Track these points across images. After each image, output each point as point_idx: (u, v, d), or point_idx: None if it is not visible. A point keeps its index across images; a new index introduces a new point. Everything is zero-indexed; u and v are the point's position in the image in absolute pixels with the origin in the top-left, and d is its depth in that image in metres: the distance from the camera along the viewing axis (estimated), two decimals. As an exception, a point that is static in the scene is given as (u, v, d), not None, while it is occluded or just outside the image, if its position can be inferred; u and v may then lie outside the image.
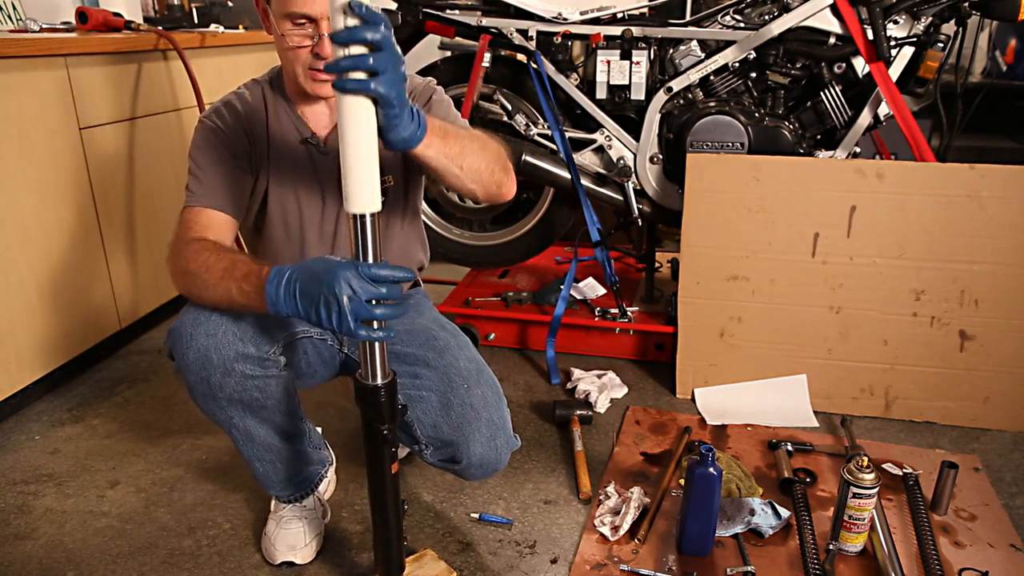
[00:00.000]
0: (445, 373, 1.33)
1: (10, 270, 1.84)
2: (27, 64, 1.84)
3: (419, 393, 1.32)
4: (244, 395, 1.25)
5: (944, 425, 1.92)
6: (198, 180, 1.28)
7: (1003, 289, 1.84)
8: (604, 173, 2.24)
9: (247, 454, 1.37)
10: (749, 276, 1.96)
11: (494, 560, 1.44)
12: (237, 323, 1.22)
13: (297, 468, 1.43)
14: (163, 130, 2.37)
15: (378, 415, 1.10)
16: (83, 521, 1.55)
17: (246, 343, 1.22)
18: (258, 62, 2.88)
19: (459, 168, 1.18)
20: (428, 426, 1.32)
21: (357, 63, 0.92)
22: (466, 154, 1.18)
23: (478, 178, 1.22)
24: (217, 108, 1.33)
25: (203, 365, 1.21)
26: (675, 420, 1.92)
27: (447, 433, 1.31)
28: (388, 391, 1.10)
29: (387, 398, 1.10)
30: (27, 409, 1.98)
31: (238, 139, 1.31)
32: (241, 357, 1.21)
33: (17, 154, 1.83)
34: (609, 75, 2.14)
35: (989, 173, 1.81)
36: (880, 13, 1.90)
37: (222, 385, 1.23)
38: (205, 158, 1.29)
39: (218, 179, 1.29)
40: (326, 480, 1.58)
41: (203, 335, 1.21)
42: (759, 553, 1.43)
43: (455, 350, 1.37)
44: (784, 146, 2.03)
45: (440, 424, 1.32)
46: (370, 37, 0.91)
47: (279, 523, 1.44)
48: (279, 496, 1.46)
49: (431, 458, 1.38)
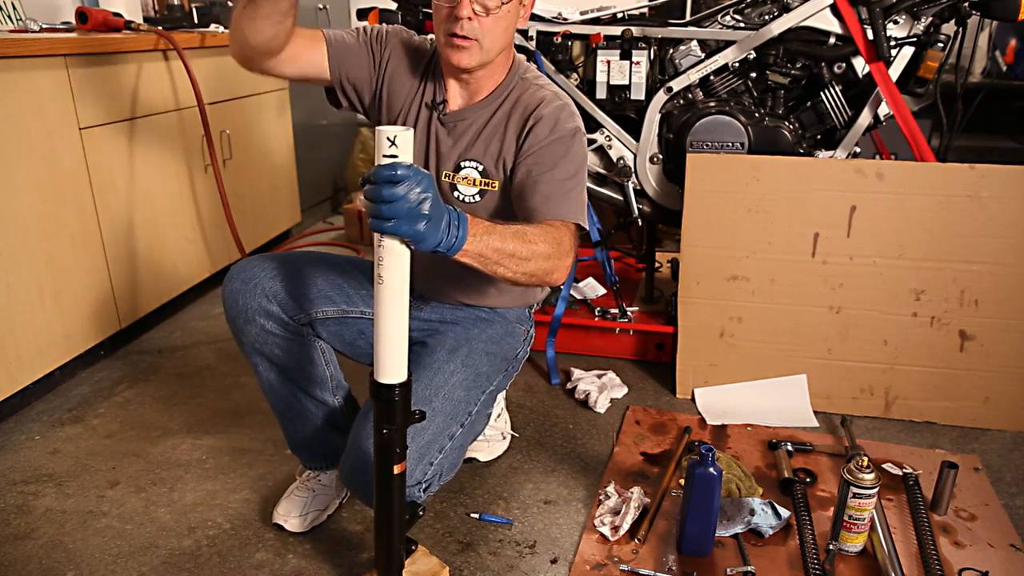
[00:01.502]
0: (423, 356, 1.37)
1: (10, 270, 1.83)
2: (27, 64, 1.84)
3: None
4: (264, 348, 1.38)
5: (944, 425, 1.92)
6: (339, 31, 1.40)
7: (1003, 289, 1.84)
8: (604, 173, 2.24)
9: (272, 405, 1.49)
10: (749, 276, 1.96)
11: (494, 560, 1.44)
12: (274, 281, 1.36)
13: (318, 439, 1.49)
14: (163, 130, 2.37)
15: (387, 415, 1.07)
16: (83, 521, 1.55)
17: (271, 301, 1.36)
18: (258, 62, 2.88)
19: (493, 273, 1.12)
20: None
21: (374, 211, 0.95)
22: (504, 265, 1.11)
23: (513, 281, 1.17)
24: (399, 31, 1.44)
25: (230, 305, 1.38)
26: (675, 420, 1.92)
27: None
28: (403, 392, 1.06)
29: (400, 399, 1.06)
30: (27, 409, 1.98)
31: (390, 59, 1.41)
32: (263, 312, 1.35)
33: (17, 154, 1.83)
34: (609, 75, 2.14)
35: (989, 173, 1.81)
36: (880, 13, 1.90)
37: (244, 331, 1.37)
38: (357, 34, 1.41)
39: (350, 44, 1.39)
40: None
41: (240, 280, 1.37)
42: (759, 553, 1.43)
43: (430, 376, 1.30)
44: (784, 146, 2.03)
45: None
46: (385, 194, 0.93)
47: (292, 490, 1.54)
48: (299, 456, 1.56)
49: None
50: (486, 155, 1.38)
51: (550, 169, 1.30)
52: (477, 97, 1.39)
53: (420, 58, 1.43)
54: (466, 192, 1.41)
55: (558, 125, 1.33)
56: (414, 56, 1.43)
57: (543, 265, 1.16)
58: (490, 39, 1.29)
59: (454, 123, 1.40)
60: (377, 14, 2.20)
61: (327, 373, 1.46)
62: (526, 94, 1.38)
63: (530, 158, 1.32)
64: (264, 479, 1.69)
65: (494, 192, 1.39)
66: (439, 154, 1.41)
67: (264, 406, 1.99)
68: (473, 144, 1.39)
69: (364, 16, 2.25)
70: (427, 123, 1.41)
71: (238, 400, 2.03)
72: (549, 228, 1.21)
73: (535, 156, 1.32)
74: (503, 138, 1.37)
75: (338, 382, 1.49)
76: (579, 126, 1.36)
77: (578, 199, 1.31)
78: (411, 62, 1.42)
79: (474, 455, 1.73)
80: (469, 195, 1.40)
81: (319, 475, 1.55)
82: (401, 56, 1.42)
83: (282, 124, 3.11)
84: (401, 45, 1.43)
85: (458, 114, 1.39)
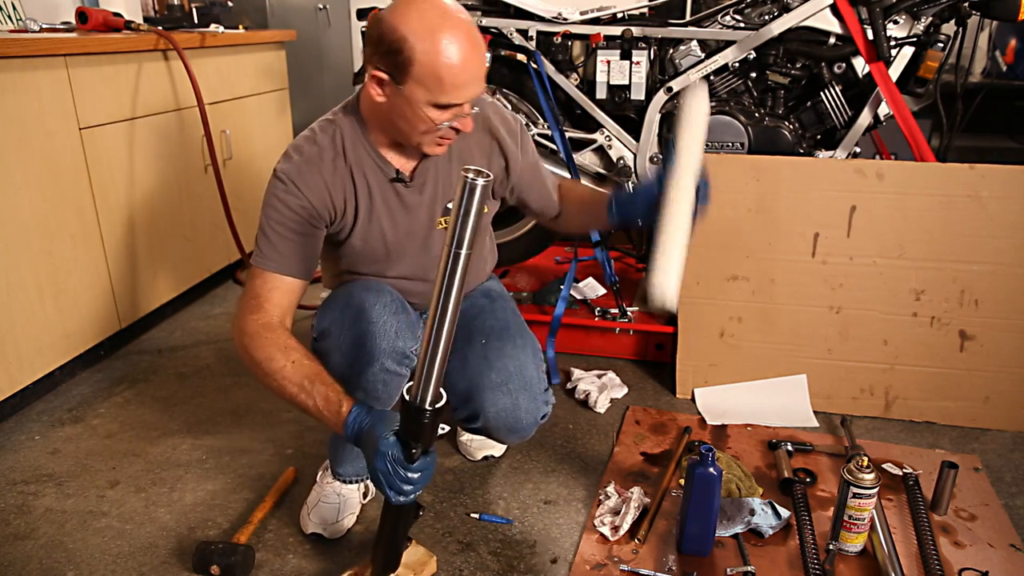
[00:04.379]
0: (468, 331, 1.43)
1: (10, 270, 1.83)
2: (27, 64, 1.84)
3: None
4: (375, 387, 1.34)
5: (944, 425, 1.92)
6: (269, 241, 1.29)
7: (1003, 289, 1.84)
8: (604, 173, 2.24)
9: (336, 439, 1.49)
10: (749, 276, 1.96)
11: (494, 560, 1.44)
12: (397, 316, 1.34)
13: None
14: (163, 130, 2.37)
15: (415, 434, 1.10)
16: (83, 521, 1.55)
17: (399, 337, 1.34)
18: (258, 62, 2.88)
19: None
20: (449, 385, 1.38)
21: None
22: None
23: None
24: (294, 162, 1.30)
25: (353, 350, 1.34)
26: (675, 420, 1.92)
27: (462, 387, 1.40)
28: (433, 416, 1.09)
29: (430, 422, 1.09)
30: (27, 409, 1.98)
31: (313, 200, 1.29)
32: (389, 352, 1.33)
33: (17, 154, 1.83)
34: (609, 75, 2.14)
35: (989, 173, 1.81)
36: (880, 13, 1.90)
37: (362, 371, 1.34)
38: (276, 220, 1.28)
39: (289, 245, 1.29)
40: None
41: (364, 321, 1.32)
42: (759, 553, 1.43)
43: (487, 312, 1.46)
44: (784, 146, 2.03)
45: (457, 380, 1.40)
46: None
47: (320, 496, 1.52)
48: (340, 474, 1.54)
49: (456, 417, 1.48)
50: None
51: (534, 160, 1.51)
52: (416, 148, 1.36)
53: (331, 169, 1.31)
54: None
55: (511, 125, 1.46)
56: (328, 176, 1.31)
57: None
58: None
59: (422, 179, 1.38)
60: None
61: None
62: None
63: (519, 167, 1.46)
64: (264, 479, 1.69)
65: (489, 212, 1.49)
66: (425, 211, 1.40)
67: (264, 406, 1.99)
68: (449, 181, 1.41)
69: (364, 16, 2.25)
70: (396, 198, 1.37)
71: (238, 400, 2.03)
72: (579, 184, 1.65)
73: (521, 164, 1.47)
74: (474, 158, 1.42)
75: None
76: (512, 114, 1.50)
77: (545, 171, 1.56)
78: (331, 184, 1.31)
79: (490, 452, 1.74)
80: None
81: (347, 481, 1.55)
82: (319, 194, 1.30)
83: (282, 124, 3.11)
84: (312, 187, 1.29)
85: (420, 170, 1.37)
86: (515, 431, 1.47)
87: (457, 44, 1.15)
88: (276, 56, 3.04)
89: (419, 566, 1.34)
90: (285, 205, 1.28)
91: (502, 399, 1.41)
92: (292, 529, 1.52)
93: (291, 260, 1.29)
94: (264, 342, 1.22)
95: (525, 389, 1.42)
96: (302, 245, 1.30)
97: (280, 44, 3.06)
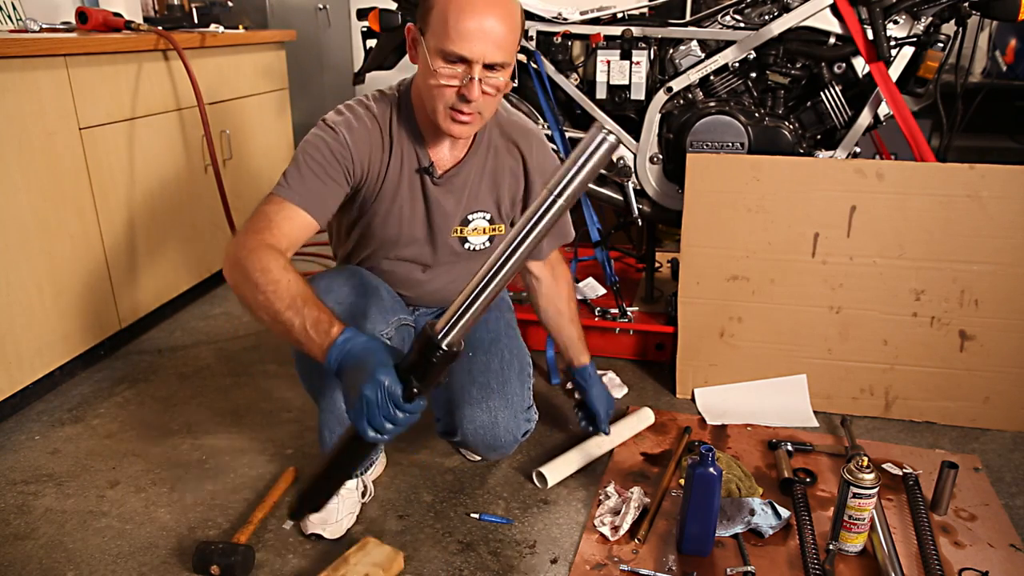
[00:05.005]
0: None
1: (10, 270, 1.83)
2: (27, 64, 1.84)
3: None
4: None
5: (944, 425, 1.92)
6: (299, 175, 1.27)
7: (1003, 289, 1.84)
8: (604, 173, 2.24)
9: (324, 420, 1.44)
10: (749, 276, 1.96)
11: (494, 560, 1.44)
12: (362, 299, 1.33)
13: None
14: (163, 130, 2.37)
15: (423, 371, 1.01)
16: (83, 521, 1.55)
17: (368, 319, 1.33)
18: (258, 62, 2.88)
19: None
20: (431, 396, 1.37)
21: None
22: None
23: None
24: (345, 117, 1.32)
25: None
26: (675, 420, 1.92)
27: (443, 399, 1.38)
28: (446, 358, 1.00)
29: (441, 363, 1.00)
30: (27, 409, 1.98)
31: (355, 154, 1.31)
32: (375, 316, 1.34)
33: (17, 154, 1.83)
34: (609, 75, 2.13)
35: (989, 173, 1.81)
36: (880, 13, 1.90)
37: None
38: (314, 158, 1.28)
39: (317, 184, 1.27)
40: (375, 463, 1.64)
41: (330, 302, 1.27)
42: (759, 553, 1.43)
43: (480, 323, 1.46)
44: (784, 146, 2.03)
45: (438, 391, 1.41)
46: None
47: None
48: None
49: (437, 429, 1.49)
50: (491, 203, 1.45)
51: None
52: (460, 148, 1.41)
53: (382, 132, 1.35)
54: (476, 242, 1.48)
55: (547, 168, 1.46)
56: (375, 137, 1.35)
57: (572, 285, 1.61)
58: (490, 110, 1.29)
59: (450, 180, 1.40)
60: (377, 14, 2.20)
61: None
62: (506, 133, 1.44)
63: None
64: (264, 479, 1.69)
65: (501, 235, 1.48)
66: (444, 214, 1.43)
67: (264, 406, 1.99)
68: (477, 195, 1.43)
69: (364, 16, 2.25)
70: (421, 188, 1.39)
71: (238, 400, 2.03)
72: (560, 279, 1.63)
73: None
74: (505, 184, 1.44)
75: None
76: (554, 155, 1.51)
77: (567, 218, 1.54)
78: (375, 146, 1.35)
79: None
80: (479, 243, 1.48)
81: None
82: (362, 150, 1.33)
83: (282, 124, 3.11)
84: (357, 141, 1.32)
85: (453, 172, 1.40)
86: (494, 448, 1.46)
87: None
88: (276, 56, 3.04)
89: (388, 563, 1.36)
90: (327, 147, 1.28)
91: (481, 415, 1.39)
92: (292, 529, 1.52)
93: (314, 199, 1.27)
94: (264, 255, 1.15)
95: (506, 407, 1.40)
96: (328, 191, 1.29)
97: (280, 44, 3.06)
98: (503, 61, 1.21)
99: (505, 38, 1.20)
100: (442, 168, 1.39)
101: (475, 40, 1.17)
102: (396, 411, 1.00)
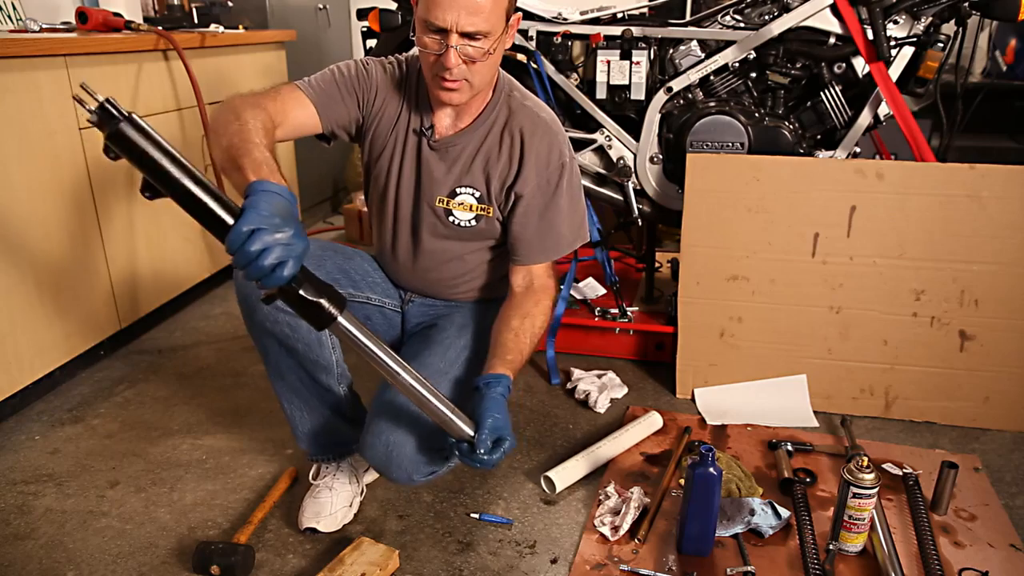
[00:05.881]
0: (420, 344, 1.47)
1: (10, 270, 1.83)
2: (27, 64, 1.84)
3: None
4: (275, 327, 1.34)
5: (944, 425, 1.92)
6: (321, 79, 1.39)
7: (1003, 289, 1.84)
8: (604, 173, 2.24)
9: (278, 391, 1.46)
10: (749, 276, 1.96)
11: (494, 560, 1.44)
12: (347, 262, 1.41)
13: (325, 428, 1.50)
14: (163, 130, 2.34)
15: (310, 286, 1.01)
16: (83, 521, 1.55)
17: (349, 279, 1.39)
18: (258, 62, 2.88)
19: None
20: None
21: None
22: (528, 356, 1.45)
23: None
24: (379, 61, 1.45)
25: (242, 285, 1.33)
26: (675, 420, 1.92)
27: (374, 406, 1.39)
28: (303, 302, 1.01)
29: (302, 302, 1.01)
30: (27, 409, 1.98)
31: (377, 89, 1.42)
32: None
33: (17, 154, 1.83)
34: (609, 75, 2.14)
35: (989, 173, 1.81)
36: (880, 13, 1.90)
37: (256, 309, 1.33)
38: (340, 73, 1.40)
39: (334, 91, 1.39)
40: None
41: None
42: (759, 553, 1.43)
43: (444, 345, 1.45)
44: (784, 146, 2.03)
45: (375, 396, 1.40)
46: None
47: (311, 493, 1.53)
48: (306, 450, 1.55)
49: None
50: (482, 181, 1.44)
51: (541, 210, 1.44)
52: (464, 120, 1.43)
53: (400, 85, 1.44)
54: (462, 217, 1.47)
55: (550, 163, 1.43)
56: (395, 86, 1.44)
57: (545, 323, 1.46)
58: (479, 78, 1.32)
59: (445, 148, 1.43)
60: (377, 14, 2.20)
61: (333, 359, 1.44)
62: (516, 118, 1.43)
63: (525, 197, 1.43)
64: (264, 479, 1.69)
65: (489, 218, 1.46)
66: (432, 180, 1.45)
67: (264, 406, 1.99)
68: (468, 170, 1.44)
69: (364, 16, 2.25)
70: (416, 149, 1.44)
71: (238, 400, 2.04)
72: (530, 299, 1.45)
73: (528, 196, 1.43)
74: (498, 165, 1.43)
75: (343, 371, 1.48)
76: (569, 155, 1.46)
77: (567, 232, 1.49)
78: (393, 93, 1.44)
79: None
80: (465, 220, 1.47)
81: (335, 474, 1.54)
82: (383, 90, 1.43)
83: (282, 124, 3.11)
84: (382, 79, 1.44)
85: (449, 140, 1.43)
86: (391, 479, 1.37)
87: None
88: (276, 56, 3.04)
89: (384, 561, 1.36)
90: (354, 72, 1.41)
91: (379, 450, 1.31)
92: (292, 529, 1.52)
93: (327, 101, 1.37)
94: (250, 107, 1.19)
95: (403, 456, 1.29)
96: (342, 103, 1.40)
97: (280, 44, 3.06)
98: (480, 30, 1.24)
99: (480, 6, 1.23)
100: (441, 134, 1.43)
101: (447, 9, 1.22)
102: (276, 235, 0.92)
